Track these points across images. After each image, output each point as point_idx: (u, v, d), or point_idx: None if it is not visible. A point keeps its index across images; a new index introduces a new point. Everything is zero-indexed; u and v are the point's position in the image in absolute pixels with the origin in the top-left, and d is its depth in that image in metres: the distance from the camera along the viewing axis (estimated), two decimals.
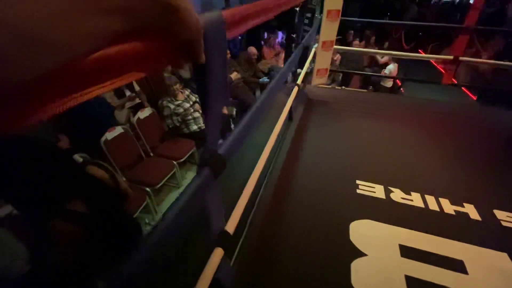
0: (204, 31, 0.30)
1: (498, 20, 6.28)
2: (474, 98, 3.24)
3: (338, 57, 3.91)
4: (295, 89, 1.41)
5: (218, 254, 0.53)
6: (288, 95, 1.46)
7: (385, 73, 3.75)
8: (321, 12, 2.02)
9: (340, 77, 3.91)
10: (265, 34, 5.46)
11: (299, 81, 1.46)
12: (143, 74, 0.25)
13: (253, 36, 6.27)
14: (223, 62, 0.35)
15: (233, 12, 0.38)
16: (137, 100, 3.02)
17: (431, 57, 2.32)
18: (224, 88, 0.37)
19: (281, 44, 4.96)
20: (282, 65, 4.11)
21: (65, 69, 0.16)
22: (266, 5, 0.55)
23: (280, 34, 5.39)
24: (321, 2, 2.01)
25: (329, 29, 2.04)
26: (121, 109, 2.83)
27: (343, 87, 3.47)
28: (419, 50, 5.16)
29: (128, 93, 3.01)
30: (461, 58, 1.96)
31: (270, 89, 0.90)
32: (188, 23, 0.26)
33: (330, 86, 3.41)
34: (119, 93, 2.88)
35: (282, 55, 4.53)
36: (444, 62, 2.26)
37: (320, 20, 2.02)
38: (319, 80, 2.32)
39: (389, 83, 3.62)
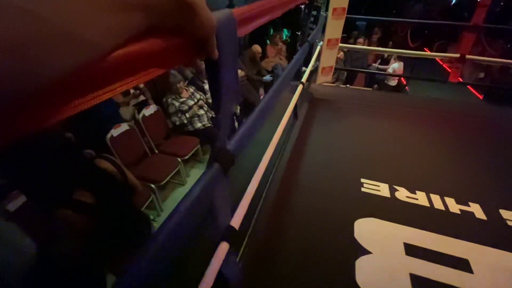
0: (217, 28, 0.31)
1: (505, 18, 6.20)
2: (481, 97, 3.21)
3: (341, 54, 3.88)
4: (300, 87, 1.41)
5: (224, 248, 0.53)
6: (293, 93, 1.46)
7: (388, 71, 3.72)
8: (326, 9, 2.01)
9: (345, 76, 3.89)
10: (271, 31, 5.44)
11: (303, 79, 1.46)
12: (163, 71, 0.25)
13: (258, 34, 6.25)
14: (235, 59, 0.36)
15: (242, 11, 0.38)
16: (142, 98, 3.04)
17: (437, 55, 2.30)
18: (235, 85, 0.38)
19: (284, 41, 4.95)
20: (286, 63, 4.11)
21: (92, 66, 0.17)
22: (273, 4, 0.55)
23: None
24: (327, 0, 2.00)
25: (334, 27, 2.03)
26: (126, 106, 2.85)
27: (348, 85, 3.46)
28: (425, 49, 5.11)
29: (132, 90, 3.03)
30: (467, 56, 1.94)
31: (276, 87, 0.91)
32: (203, 20, 0.26)
33: (334, 85, 3.40)
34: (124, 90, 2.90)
35: (284, 53, 4.52)
36: (450, 60, 2.23)
37: (326, 18, 2.01)
38: (324, 78, 2.31)
39: (393, 82, 3.59)
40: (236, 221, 0.61)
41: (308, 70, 1.67)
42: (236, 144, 0.49)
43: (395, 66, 3.70)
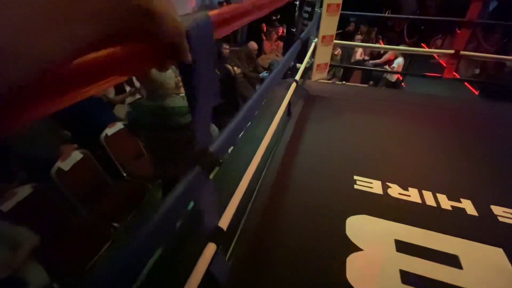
0: (190, 32, 0.30)
1: (503, 13, 6.17)
2: (476, 92, 3.21)
3: (338, 51, 3.88)
4: (293, 85, 1.40)
5: (210, 249, 0.54)
6: (287, 90, 1.46)
7: (393, 67, 3.71)
8: (321, 6, 1.99)
9: (341, 72, 3.88)
10: (264, 27, 5.40)
11: (297, 77, 1.46)
12: (127, 77, 0.25)
13: (254, 30, 6.20)
14: (211, 61, 0.35)
15: (221, 12, 0.38)
16: (138, 96, 3.02)
17: (432, 51, 2.30)
18: (212, 86, 0.38)
19: (280, 38, 4.92)
20: None
21: (46, 75, 0.17)
22: (258, 3, 0.55)
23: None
24: None
25: (329, 23, 2.02)
26: (121, 105, 2.84)
27: (344, 82, 3.45)
28: (422, 44, 5.09)
29: (128, 88, 3.02)
30: (462, 52, 1.94)
31: (264, 86, 0.90)
32: (168, 26, 0.26)
33: (330, 81, 3.39)
34: (119, 88, 2.88)
35: (281, 49, 4.50)
36: (446, 56, 2.23)
37: (320, 14, 2.00)
38: (319, 75, 2.31)
39: (393, 77, 3.59)
40: (224, 222, 0.62)
41: (302, 67, 1.67)
42: (220, 145, 0.49)
43: (400, 61, 3.67)
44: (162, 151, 1.89)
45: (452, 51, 1.98)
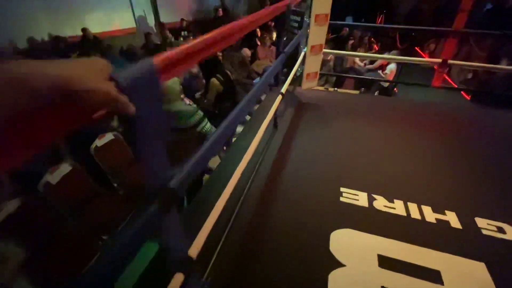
0: (130, 85, 0.31)
1: (496, 16, 6.22)
2: (468, 98, 3.24)
3: (331, 56, 3.89)
4: (279, 97, 1.41)
5: (178, 279, 0.54)
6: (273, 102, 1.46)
7: (385, 73, 3.74)
8: (309, 15, 2.01)
9: (334, 78, 3.90)
10: (259, 33, 5.42)
11: (284, 89, 1.46)
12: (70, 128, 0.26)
13: (249, 34, 6.23)
14: (157, 107, 0.36)
15: (168, 57, 0.38)
16: None
17: (420, 60, 2.31)
18: (161, 132, 0.38)
19: (273, 43, 4.95)
20: None
21: None
22: (209, 41, 0.54)
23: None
24: (310, 6, 2.00)
25: (317, 33, 2.03)
26: None
27: (336, 88, 3.46)
28: (416, 48, 5.13)
29: None
30: (449, 61, 1.95)
31: (240, 107, 0.91)
32: (88, 94, 0.26)
33: (323, 88, 3.40)
34: None
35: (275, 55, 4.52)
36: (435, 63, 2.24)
37: (309, 23, 2.01)
38: (309, 84, 2.32)
39: (385, 83, 3.61)
40: (194, 250, 0.62)
41: (291, 76, 1.67)
42: (183, 178, 0.48)
43: (392, 67, 3.71)
44: (172, 152, 1.96)
45: (439, 60, 1.99)
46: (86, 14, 5.51)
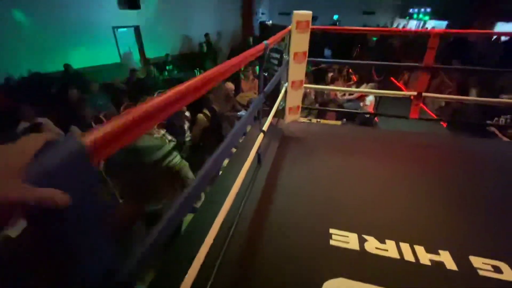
0: (55, 174, 0.25)
1: (456, 48, 6.80)
2: (445, 125, 3.38)
3: (311, 89, 4.02)
4: (260, 136, 1.37)
5: None
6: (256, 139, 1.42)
7: (365, 104, 3.90)
8: (288, 53, 2.07)
9: (316, 111, 4.00)
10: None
11: (265, 127, 1.44)
12: None
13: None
14: (93, 191, 0.29)
15: (102, 135, 0.32)
16: None
17: (396, 93, 2.41)
18: (101, 216, 0.31)
19: (256, 76, 5.10)
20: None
21: None
22: (159, 106, 0.47)
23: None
24: (288, 44, 2.07)
25: (297, 70, 2.09)
26: None
27: (319, 120, 3.53)
28: (391, 78, 5.45)
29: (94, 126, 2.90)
30: (424, 94, 2.04)
31: (214, 158, 0.86)
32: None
33: (306, 119, 3.45)
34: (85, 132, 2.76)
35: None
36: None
37: (288, 61, 2.07)
38: (292, 117, 2.33)
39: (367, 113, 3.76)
40: None
41: (271, 114, 1.67)
42: (135, 264, 0.40)
43: (371, 98, 3.87)
44: (140, 188, 1.90)
45: (415, 93, 2.07)
46: (69, 50, 5.53)
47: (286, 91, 2.21)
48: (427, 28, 15.01)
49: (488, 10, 9.18)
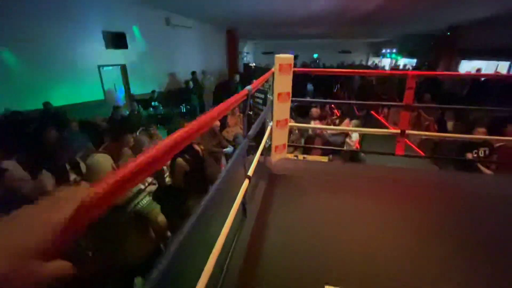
0: None
1: (430, 83, 7.32)
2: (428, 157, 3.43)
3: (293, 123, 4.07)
4: (246, 182, 1.28)
5: None
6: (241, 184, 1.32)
7: (352, 140, 3.95)
8: (272, 93, 2.08)
9: (302, 144, 4.01)
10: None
11: (250, 172, 1.35)
12: None
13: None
14: None
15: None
16: (84, 184, 2.70)
17: (381, 131, 2.45)
18: None
19: (242, 111, 5.15)
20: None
21: None
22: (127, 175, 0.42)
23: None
24: (272, 85, 2.09)
25: (281, 109, 2.08)
26: None
27: (305, 156, 3.51)
28: (372, 112, 5.67)
29: (73, 176, 2.71)
30: (407, 132, 2.06)
31: (197, 216, 0.76)
32: None
33: (292, 155, 3.42)
34: (59, 175, 2.56)
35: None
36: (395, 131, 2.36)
37: (272, 100, 2.07)
38: (278, 156, 2.28)
39: (352, 147, 3.79)
40: None
41: (256, 157, 1.60)
42: None
43: (356, 135, 3.93)
44: (107, 238, 1.80)
45: (398, 131, 2.10)
46: (52, 88, 5.44)
47: (271, 130, 2.18)
48: (399, 65, 16.35)
49: (451, 50, 10.17)
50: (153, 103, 6.93)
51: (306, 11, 7.58)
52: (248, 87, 1.16)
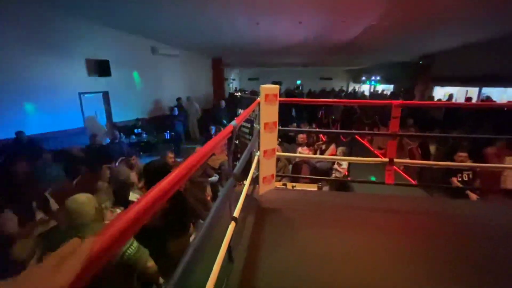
0: None
1: (412, 109, 7.62)
2: (415, 182, 3.44)
3: (280, 149, 4.02)
4: (232, 225, 1.16)
5: None
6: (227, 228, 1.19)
7: (343, 167, 3.93)
8: (259, 123, 2.02)
9: (290, 172, 3.94)
10: (213, 129, 5.62)
11: (236, 213, 1.23)
12: None
13: (204, 130, 6.42)
14: None
15: None
16: (52, 223, 2.44)
17: (369, 160, 2.42)
18: None
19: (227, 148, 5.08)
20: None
21: None
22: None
23: (213, 128, 5.59)
24: (258, 114, 2.04)
25: (268, 139, 2.02)
26: (26, 240, 2.20)
27: (294, 185, 3.42)
28: (356, 137, 5.77)
29: (41, 214, 2.45)
30: (395, 160, 2.04)
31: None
32: None
33: (281, 183, 3.32)
34: (23, 214, 2.29)
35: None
36: (385, 152, 2.34)
37: (259, 130, 2.00)
38: (266, 187, 2.16)
39: (340, 174, 3.76)
40: None
41: (242, 196, 1.49)
42: None
43: (345, 164, 3.91)
44: None
45: (387, 159, 2.07)
46: (26, 115, 5.18)
47: (259, 160, 2.09)
48: (377, 91, 17.23)
49: (425, 77, 10.87)
50: (136, 131, 6.74)
51: (288, 41, 7.94)
52: (233, 123, 1.08)
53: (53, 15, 5.35)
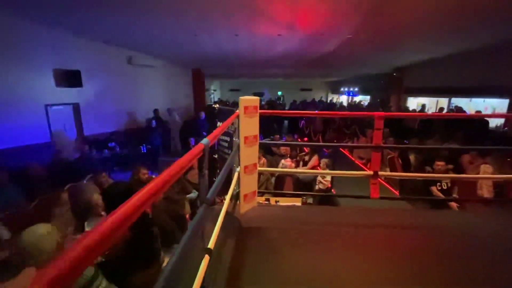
0: None
1: (389, 120, 7.86)
2: (397, 192, 3.44)
3: (263, 161, 3.90)
4: (206, 259, 0.99)
5: None
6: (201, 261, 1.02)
7: (326, 180, 3.85)
8: (238, 136, 1.89)
9: (273, 186, 3.82)
10: (192, 141, 5.41)
11: (210, 244, 1.07)
12: None
13: (184, 143, 6.17)
14: None
15: None
16: (3, 255, 2.10)
17: (352, 173, 2.36)
18: None
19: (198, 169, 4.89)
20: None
21: None
22: None
23: (193, 140, 5.41)
24: (238, 127, 1.91)
25: (249, 154, 1.88)
26: None
27: (277, 200, 3.28)
28: (340, 149, 5.82)
29: None
30: (380, 173, 1.99)
31: None
32: None
33: (263, 199, 3.17)
34: None
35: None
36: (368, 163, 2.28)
37: (239, 144, 1.87)
38: (248, 206, 2.01)
39: (323, 186, 3.69)
40: None
41: (226, 203, 1.34)
42: None
43: (329, 178, 3.84)
44: None
45: (371, 173, 2.01)
46: None
47: (239, 177, 1.94)
48: (355, 101, 17.86)
49: (399, 88, 11.42)
50: (109, 144, 6.34)
51: (267, 53, 8.00)
52: (204, 141, 0.94)
53: (18, 24, 4.98)
